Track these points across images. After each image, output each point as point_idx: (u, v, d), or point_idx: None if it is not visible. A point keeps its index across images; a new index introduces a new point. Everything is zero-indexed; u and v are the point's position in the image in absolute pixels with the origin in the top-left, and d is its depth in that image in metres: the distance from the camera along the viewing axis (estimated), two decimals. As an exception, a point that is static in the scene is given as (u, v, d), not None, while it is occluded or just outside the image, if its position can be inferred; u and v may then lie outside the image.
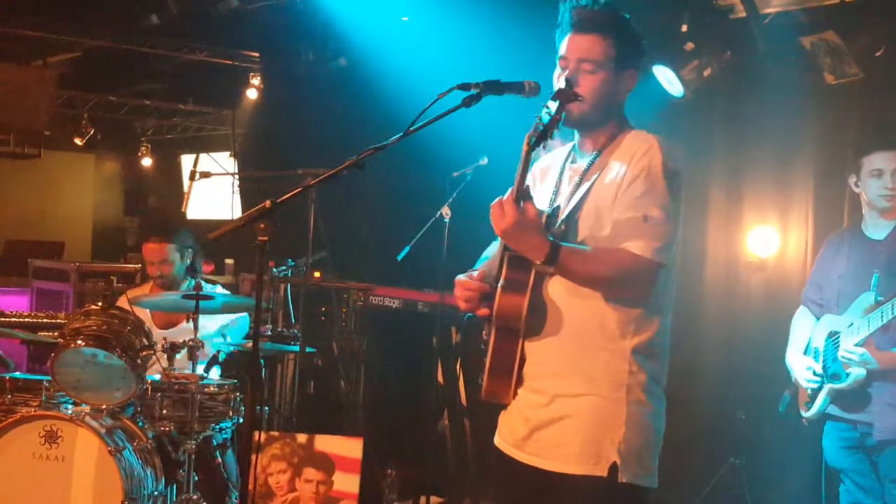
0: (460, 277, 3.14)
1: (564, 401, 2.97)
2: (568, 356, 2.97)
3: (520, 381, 3.06)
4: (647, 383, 2.98)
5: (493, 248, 3.25)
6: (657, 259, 2.88)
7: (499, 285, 2.97)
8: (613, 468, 2.90)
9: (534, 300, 2.97)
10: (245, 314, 5.90)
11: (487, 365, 3.07)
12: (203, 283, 5.62)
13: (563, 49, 3.07)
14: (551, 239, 2.86)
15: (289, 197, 3.06)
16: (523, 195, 2.82)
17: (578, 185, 3.06)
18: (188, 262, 5.88)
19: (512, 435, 3.11)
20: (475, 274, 3.14)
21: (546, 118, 2.78)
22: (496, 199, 2.84)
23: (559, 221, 3.02)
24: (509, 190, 2.83)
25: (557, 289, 2.99)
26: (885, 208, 4.56)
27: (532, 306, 2.96)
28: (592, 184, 3.01)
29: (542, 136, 2.78)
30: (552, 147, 3.29)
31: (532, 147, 2.79)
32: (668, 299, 3.06)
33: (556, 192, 3.13)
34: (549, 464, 2.99)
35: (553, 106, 2.80)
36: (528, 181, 2.89)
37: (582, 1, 3.06)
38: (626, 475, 2.92)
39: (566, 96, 2.86)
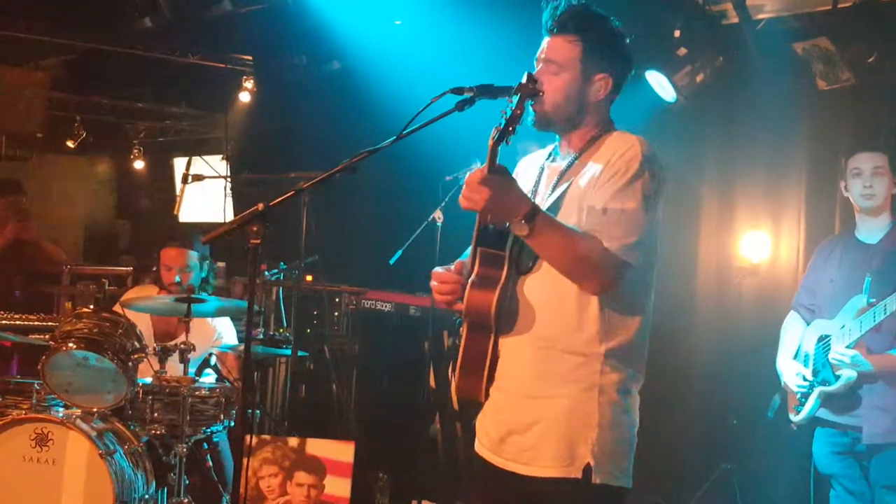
0: (437, 270, 3.12)
1: (537, 402, 2.96)
2: (540, 356, 2.96)
3: (491, 380, 3.05)
4: (621, 383, 2.96)
5: None
6: (625, 257, 2.86)
7: (469, 281, 2.97)
8: (587, 469, 2.89)
9: (506, 298, 2.96)
10: (232, 342, 5.88)
11: (458, 361, 3.05)
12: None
13: (538, 51, 3.09)
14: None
15: (281, 200, 3.06)
16: (496, 172, 2.80)
17: (556, 185, 3.06)
18: (205, 273, 5.85)
19: (488, 439, 3.11)
20: (452, 267, 3.14)
21: (508, 112, 2.78)
22: (466, 179, 2.82)
23: None
24: (475, 171, 2.82)
25: (532, 288, 2.98)
26: (868, 207, 4.64)
27: (503, 303, 2.95)
28: (570, 185, 3.01)
29: (504, 131, 2.77)
30: (531, 151, 3.30)
31: (496, 142, 2.77)
32: (646, 301, 3.04)
33: (534, 193, 3.13)
34: (525, 468, 2.99)
35: (514, 100, 2.80)
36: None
37: (552, 3, 3.06)
38: (600, 476, 2.90)
39: (525, 90, 2.83)
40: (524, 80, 2.87)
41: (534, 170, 3.22)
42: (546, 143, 3.23)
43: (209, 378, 5.49)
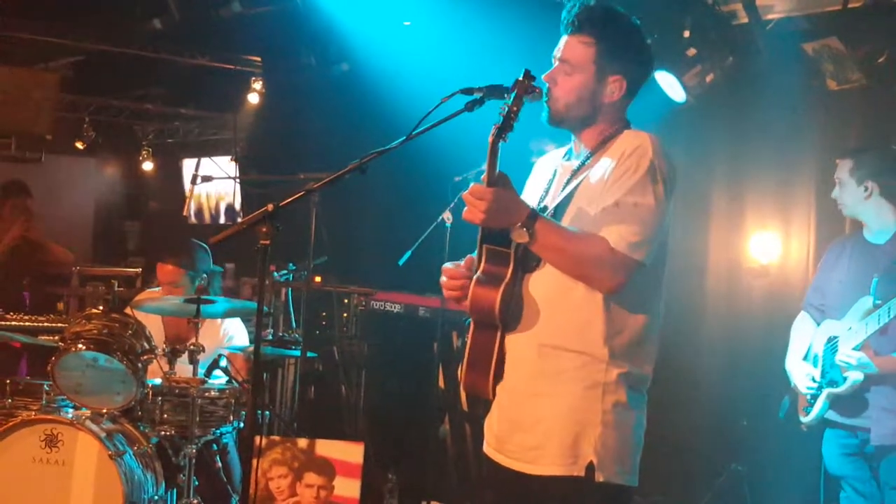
0: (447, 266, 3.13)
1: (541, 400, 2.96)
2: (544, 354, 2.95)
3: (499, 378, 3.04)
4: (625, 382, 2.95)
5: None
6: (631, 254, 2.85)
7: (475, 277, 2.97)
8: (590, 468, 2.89)
9: (511, 295, 2.96)
10: (243, 344, 5.87)
11: (466, 357, 3.06)
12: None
13: (556, 49, 3.08)
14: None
15: (290, 201, 3.06)
16: (495, 183, 2.83)
17: (567, 183, 3.06)
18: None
19: (494, 438, 3.11)
20: (463, 262, 3.13)
21: (506, 109, 2.81)
22: (464, 195, 2.84)
23: None
24: (472, 186, 2.85)
25: (537, 285, 2.98)
26: (849, 216, 4.74)
27: (507, 301, 2.95)
28: (580, 182, 3.01)
29: (502, 128, 2.81)
30: (546, 151, 3.30)
31: (495, 139, 2.81)
32: (654, 299, 3.03)
33: (547, 192, 3.13)
34: (529, 467, 2.98)
35: (511, 97, 2.83)
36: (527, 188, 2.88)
37: (570, 1, 3.06)
38: (604, 474, 2.90)
39: (521, 87, 2.84)
40: (522, 77, 2.86)
41: (548, 170, 3.22)
42: (562, 141, 3.23)
43: (218, 380, 5.49)
